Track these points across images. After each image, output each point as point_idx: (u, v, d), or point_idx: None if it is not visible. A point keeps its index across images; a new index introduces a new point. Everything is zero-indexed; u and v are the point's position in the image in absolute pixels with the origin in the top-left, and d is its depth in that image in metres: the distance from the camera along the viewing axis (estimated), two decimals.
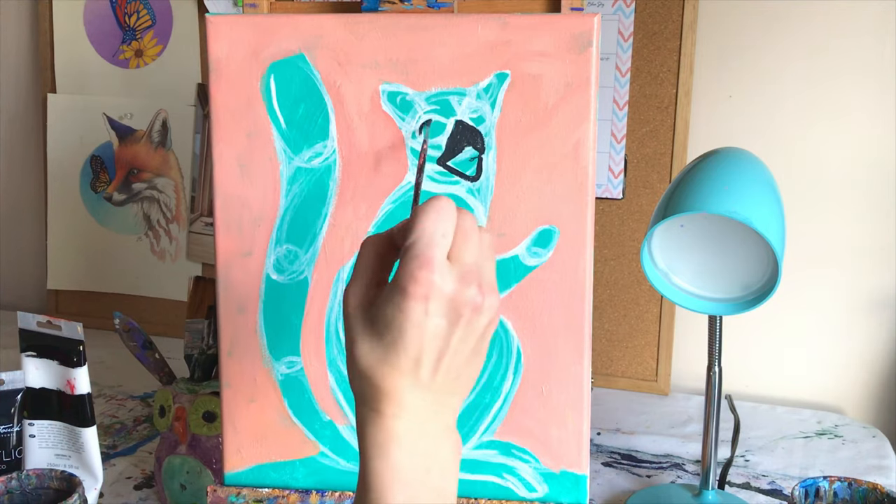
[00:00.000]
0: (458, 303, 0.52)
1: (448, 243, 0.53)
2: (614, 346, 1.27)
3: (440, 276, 0.51)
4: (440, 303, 0.52)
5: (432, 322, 0.52)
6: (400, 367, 0.53)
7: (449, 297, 0.52)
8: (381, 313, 0.53)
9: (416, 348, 0.52)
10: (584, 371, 0.74)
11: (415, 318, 0.52)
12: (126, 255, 1.48)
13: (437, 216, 0.53)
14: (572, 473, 0.75)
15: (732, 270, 0.90)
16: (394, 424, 0.54)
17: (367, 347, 0.53)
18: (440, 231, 0.52)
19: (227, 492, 0.78)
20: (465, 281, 0.52)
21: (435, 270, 0.51)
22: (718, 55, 1.20)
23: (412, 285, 0.51)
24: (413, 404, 0.54)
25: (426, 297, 0.51)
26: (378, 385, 0.53)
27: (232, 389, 0.78)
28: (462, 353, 0.54)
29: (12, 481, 0.82)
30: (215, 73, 0.74)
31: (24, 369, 0.91)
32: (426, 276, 0.51)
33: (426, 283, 0.51)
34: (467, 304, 0.52)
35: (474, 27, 0.71)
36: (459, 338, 0.53)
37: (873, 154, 1.17)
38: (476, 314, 0.53)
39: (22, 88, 1.56)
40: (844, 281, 1.21)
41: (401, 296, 0.51)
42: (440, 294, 0.52)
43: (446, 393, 0.55)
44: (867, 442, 1.12)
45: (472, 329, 0.54)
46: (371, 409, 0.54)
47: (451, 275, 0.52)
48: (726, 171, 0.86)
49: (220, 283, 0.77)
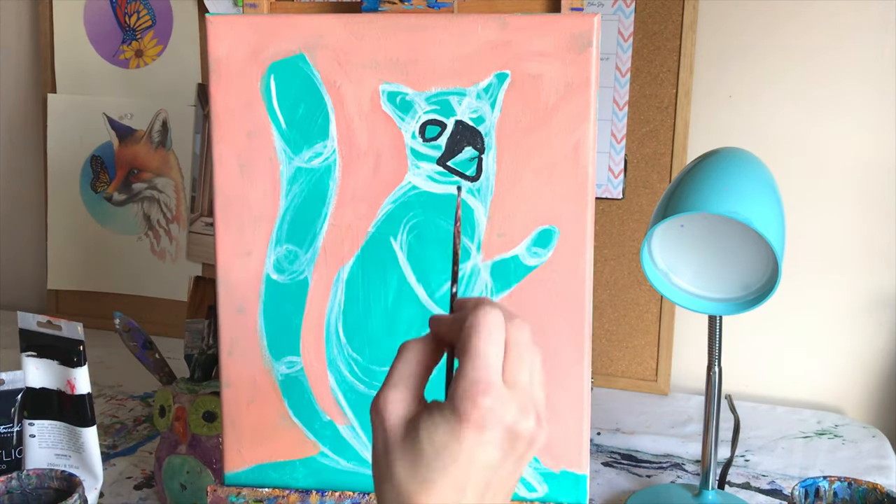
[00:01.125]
0: (515, 434, 0.49)
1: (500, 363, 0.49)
2: (614, 346, 1.27)
3: (501, 403, 0.48)
4: (497, 433, 0.48)
5: (486, 452, 0.49)
6: (443, 496, 0.49)
7: (507, 427, 0.49)
8: (430, 437, 0.49)
9: (463, 477, 0.49)
10: (584, 371, 0.74)
11: (469, 446, 0.48)
12: (126, 255, 1.48)
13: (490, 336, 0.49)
14: (572, 473, 0.75)
15: (732, 270, 0.90)
16: None
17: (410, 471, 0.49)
18: (493, 353, 0.49)
19: (227, 492, 0.78)
20: (523, 410, 0.49)
21: (495, 398, 0.48)
22: (718, 55, 1.20)
23: (471, 411, 0.48)
24: None
25: (484, 426, 0.48)
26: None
27: (232, 389, 0.78)
28: (508, 483, 0.51)
29: (12, 481, 0.82)
30: (215, 73, 0.74)
31: (25, 369, 0.91)
32: (486, 402, 0.48)
33: (485, 410, 0.48)
34: (524, 438, 0.49)
35: (474, 27, 0.71)
36: (509, 471, 0.50)
37: (873, 154, 1.17)
38: (530, 448, 0.50)
39: (22, 88, 1.56)
40: (844, 281, 1.21)
41: (457, 421, 0.48)
42: (499, 423, 0.48)
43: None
44: (867, 442, 1.12)
45: (522, 462, 0.50)
46: None
47: (511, 402, 0.49)
48: (726, 171, 0.86)
49: (220, 283, 0.77)
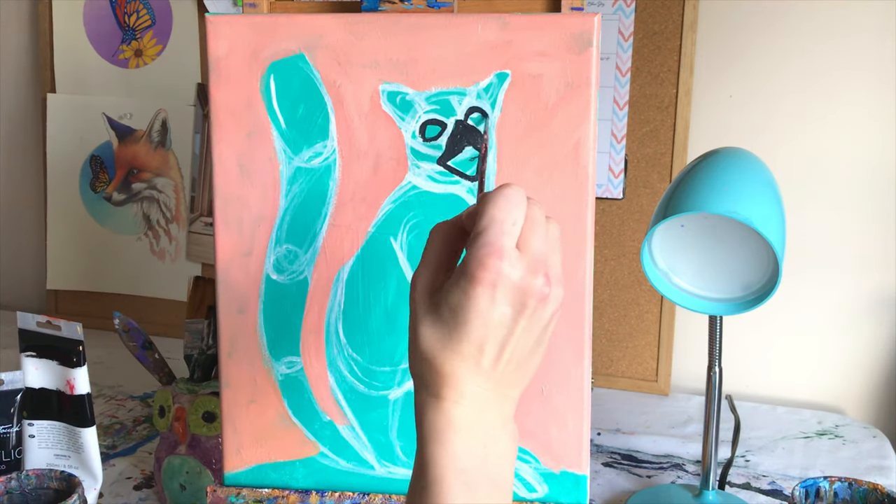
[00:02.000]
0: (525, 292, 0.52)
1: (517, 231, 0.53)
2: (614, 346, 1.26)
3: (509, 264, 0.51)
4: (507, 291, 0.52)
5: (498, 310, 0.52)
6: (462, 353, 0.53)
7: (516, 285, 0.52)
8: (447, 299, 0.52)
9: (480, 335, 0.52)
10: (584, 371, 0.74)
11: (481, 304, 0.51)
12: (126, 255, 1.48)
13: (507, 204, 0.53)
14: (572, 474, 0.75)
15: (732, 270, 0.90)
16: (453, 410, 0.53)
17: (431, 331, 0.53)
18: (510, 219, 0.52)
19: (226, 492, 0.78)
20: (533, 270, 0.52)
21: (504, 258, 0.51)
22: (718, 55, 1.20)
23: (480, 272, 0.51)
24: (473, 391, 0.54)
25: (494, 285, 0.51)
26: (439, 369, 0.53)
27: (232, 390, 0.78)
28: (525, 343, 0.54)
29: (12, 481, 0.82)
30: (215, 73, 0.74)
31: (24, 369, 0.90)
32: (495, 263, 0.51)
33: (494, 270, 0.51)
34: (534, 294, 0.52)
35: (474, 27, 0.71)
36: (524, 327, 0.53)
37: (873, 154, 1.17)
38: (542, 304, 0.53)
39: (22, 88, 1.56)
40: (845, 281, 1.21)
41: (468, 282, 0.51)
42: (508, 282, 0.51)
43: (507, 382, 0.55)
44: (867, 442, 1.12)
45: (536, 319, 0.53)
46: (431, 393, 0.54)
47: (519, 263, 0.52)
48: (726, 171, 0.86)
49: (219, 283, 0.76)
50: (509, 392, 0.55)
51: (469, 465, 0.53)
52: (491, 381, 0.54)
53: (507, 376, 0.54)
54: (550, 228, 0.55)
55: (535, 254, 0.53)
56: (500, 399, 0.55)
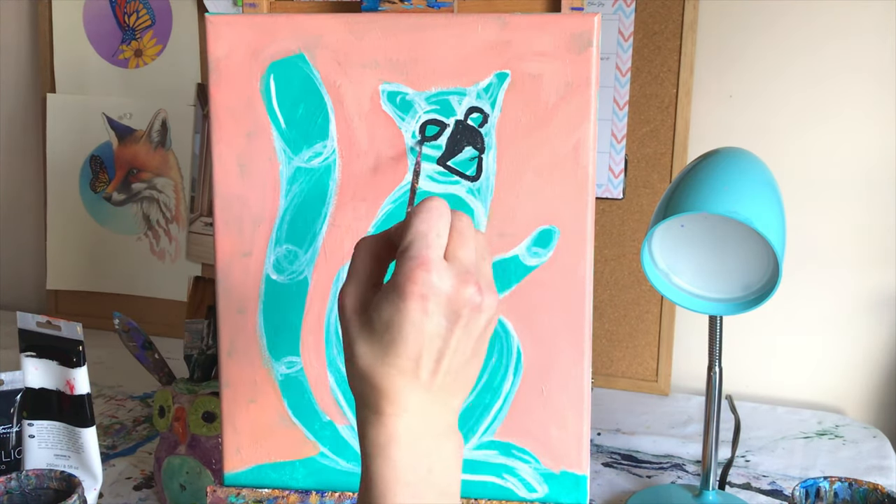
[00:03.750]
0: (456, 302, 0.52)
1: (443, 243, 0.53)
2: (614, 346, 1.26)
3: (438, 276, 0.51)
4: (439, 302, 0.52)
5: (431, 322, 0.52)
6: (400, 367, 0.53)
7: (447, 296, 0.52)
8: (379, 314, 0.52)
9: (415, 348, 0.52)
10: (584, 371, 0.74)
11: (414, 317, 0.51)
12: (126, 255, 1.48)
13: (430, 216, 0.53)
14: (572, 474, 0.75)
15: (732, 270, 0.90)
16: (394, 424, 0.54)
17: (366, 348, 0.53)
18: (434, 231, 0.53)
19: (226, 492, 0.78)
20: (463, 280, 0.52)
21: (432, 270, 0.51)
22: (718, 55, 1.20)
23: (410, 285, 0.51)
24: (413, 404, 0.54)
25: (424, 297, 0.51)
26: (377, 385, 0.53)
27: (231, 389, 0.78)
28: (462, 353, 0.54)
29: (12, 482, 0.82)
30: (215, 73, 0.74)
31: (24, 369, 0.90)
32: (424, 275, 0.51)
33: (424, 282, 0.51)
34: (466, 304, 0.52)
35: (474, 27, 0.71)
36: (458, 337, 0.53)
37: (874, 154, 1.17)
38: (475, 313, 0.53)
39: (21, 88, 1.56)
40: (845, 281, 1.21)
41: (399, 296, 0.51)
42: (438, 293, 0.52)
43: (446, 393, 0.55)
44: (868, 442, 1.12)
45: (471, 329, 0.53)
46: (371, 409, 0.54)
47: (448, 274, 0.52)
48: (726, 171, 0.86)
49: (219, 283, 0.76)
50: (450, 402, 0.56)
51: (414, 478, 0.53)
52: (430, 393, 0.54)
53: (447, 387, 0.54)
54: (479, 238, 0.55)
55: (463, 263, 0.53)
56: (441, 409, 0.55)
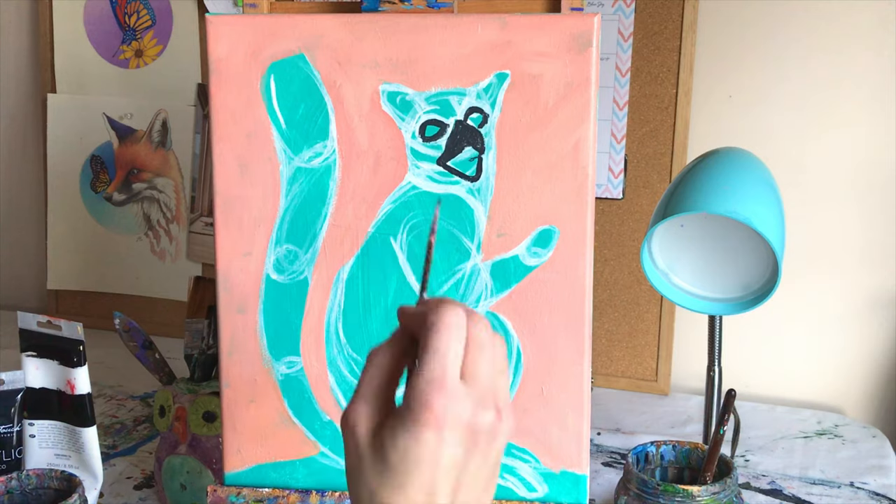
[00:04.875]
0: (475, 430, 0.49)
1: (460, 361, 0.49)
2: (614, 346, 1.27)
3: (455, 402, 0.48)
4: (456, 430, 0.48)
5: (448, 451, 0.48)
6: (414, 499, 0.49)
7: (466, 423, 0.49)
8: (394, 442, 0.49)
9: (430, 479, 0.49)
10: (584, 371, 0.74)
11: (430, 447, 0.48)
12: (126, 255, 1.48)
13: (449, 332, 0.49)
14: (572, 473, 0.75)
15: (732, 270, 0.90)
16: None
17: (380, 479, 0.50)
18: (453, 350, 0.49)
19: (227, 492, 0.78)
20: (482, 404, 0.49)
21: (449, 396, 0.48)
22: (718, 55, 1.20)
23: (427, 412, 0.48)
24: None
25: (441, 426, 0.48)
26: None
27: (232, 389, 0.78)
28: (479, 479, 0.51)
29: (12, 481, 0.82)
30: (215, 73, 0.74)
31: (24, 369, 0.90)
32: (441, 402, 0.48)
33: (441, 409, 0.48)
34: (484, 431, 0.49)
35: (474, 27, 0.71)
36: (476, 465, 0.50)
37: (873, 154, 1.17)
38: (493, 440, 0.50)
39: (22, 88, 1.56)
40: (844, 281, 1.21)
41: (414, 423, 0.48)
42: (457, 421, 0.48)
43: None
44: (867, 442, 1.12)
45: (488, 456, 0.50)
46: None
47: (467, 399, 0.49)
48: (726, 171, 0.86)
49: (220, 283, 0.77)
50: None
51: None
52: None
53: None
54: (496, 348, 0.52)
55: (482, 383, 0.50)
56: None
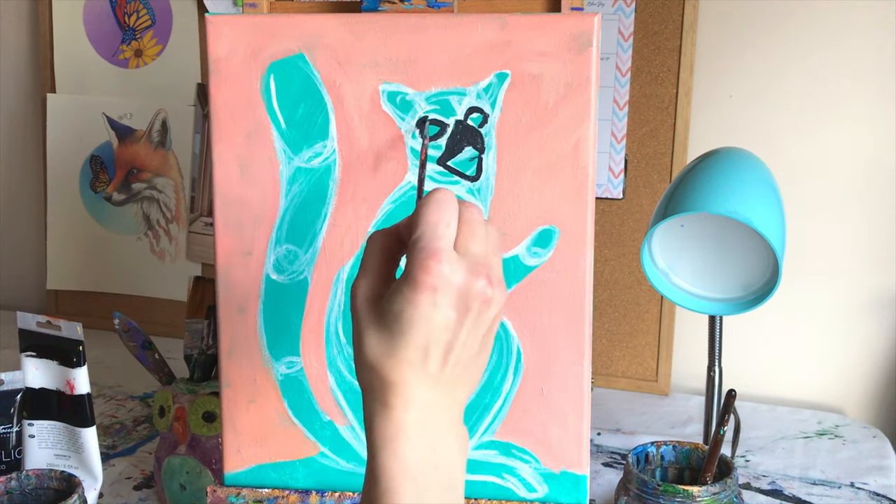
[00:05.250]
0: (467, 294, 0.52)
1: (452, 233, 0.53)
2: (614, 346, 1.26)
3: (449, 267, 0.51)
4: (449, 294, 0.52)
5: (441, 313, 0.52)
6: (408, 359, 0.53)
7: (458, 288, 0.52)
8: (390, 306, 0.52)
9: (424, 339, 0.52)
10: (584, 371, 0.74)
11: (424, 308, 0.51)
12: (126, 255, 1.48)
13: (439, 207, 0.53)
14: (572, 474, 0.75)
15: (732, 270, 0.90)
16: (402, 417, 0.53)
17: (376, 339, 0.53)
18: (443, 221, 0.52)
19: (226, 492, 0.78)
20: (474, 273, 0.52)
21: (444, 261, 0.51)
22: (718, 55, 1.20)
23: (422, 275, 0.51)
24: (421, 397, 0.53)
25: (435, 288, 0.51)
26: (386, 377, 0.53)
27: (232, 389, 0.78)
28: (470, 345, 0.54)
29: (12, 481, 0.82)
30: (215, 73, 0.74)
31: (24, 369, 0.90)
32: (435, 266, 0.51)
33: (435, 273, 0.51)
34: (477, 297, 0.52)
35: (474, 27, 0.71)
36: (468, 330, 0.53)
37: (873, 154, 1.17)
38: (485, 307, 0.53)
39: (21, 88, 1.56)
40: (845, 281, 1.21)
41: (410, 287, 0.51)
42: (450, 285, 0.51)
43: (454, 386, 0.55)
44: (867, 442, 1.12)
45: (480, 322, 0.53)
46: (379, 401, 0.54)
47: (460, 266, 0.52)
48: (726, 171, 0.86)
49: (219, 283, 0.77)
50: (456, 395, 0.56)
51: (420, 471, 0.53)
52: (438, 385, 0.54)
53: (454, 380, 0.54)
54: (489, 231, 0.55)
55: (475, 255, 0.53)
56: (447, 403, 0.55)
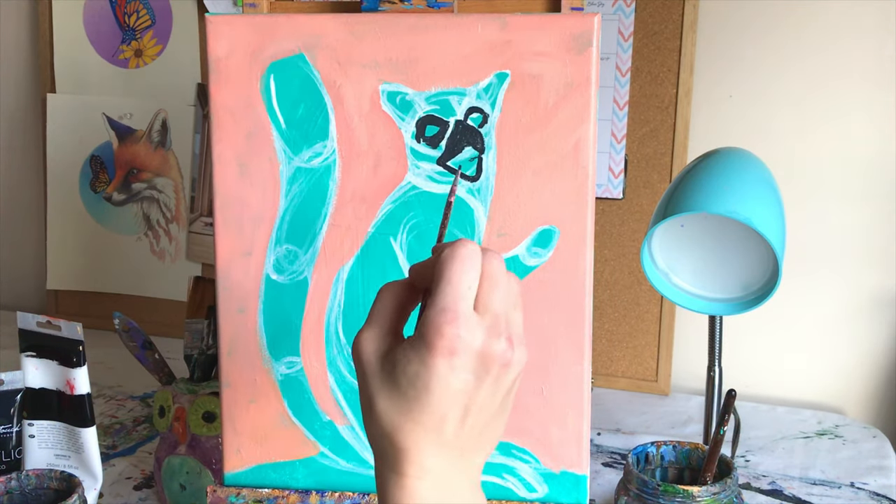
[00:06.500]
0: (486, 358, 0.50)
1: (473, 294, 0.51)
2: (614, 346, 1.26)
3: (467, 331, 0.49)
4: (468, 358, 0.50)
5: (459, 378, 0.50)
6: (423, 425, 0.51)
7: (477, 351, 0.50)
8: (404, 368, 0.50)
9: (441, 405, 0.50)
10: (584, 371, 0.74)
11: (441, 373, 0.49)
12: (126, 255, 1.48)
13: (462, 266, 0.50)
14: (572, 474, 0.75)
15: (732, 270, 0.90)
16: (416, 487, 0.51)
17: (388, 403, 0.51)
18: (466, 283, 0.50)
19: (226, 492, 0.78)
20: (493, 334, 0.50)
21: (462, 325, 0.49)
22: (718, 55, 1.20)
23: (438, 340, 0.49)
24: (437, 464, 0.52)
25: (453, 353, 0.49)
26: (399, 444, 0.51)
27: (232, 389, 0.78)
28: (489, 408, 0.52)
29: (12, 482, 0.82)
30: (215, 73, 0.74)
31: (24, 369, 0.90)
32: (453, 331, 0.49)
33: (452, 337, 0.49)
34: (496, 360, 0.50)
35: (474, 27, 0.71)
36: (487, 393, 0.51)
37: (873, 154, 1.17)
38: (505, 369, 0.51)
39: (21, 88, 1.56)
40: (844, 281, 1.21)
41: (427, 351, 0.49)
42: (468, 349, 0.50)
43: (471, 449, 0.53)
44: (867, 442, 1.12)
45: (499, 385, 0.51)
46: (392, 470, 0.52)
47: (479, 328, 0.50)
48: (726, 171, 0.86)
49: (220, 283, 0.77)
50: (474, 459, 0.54)
51: None
52: (455, 451, 0.52)
53: (471, 442, 0.52)
54: (510, 284, 0.52)
55: (495, 315, 0.51)
56: (464, 468, 0.53)
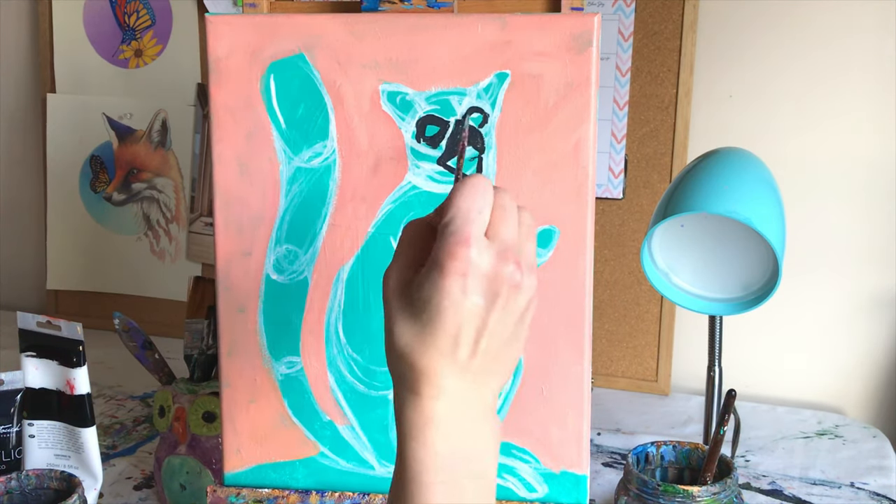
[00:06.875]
0: (495, 280, 0.51)
1: (485, 220, 0.52)
2: (614, 346, 1.26)
3: (477, 253, 0.51)
4: (478, 280, 0.51)
5: (470, 300, 0.51)
6: (438, 347, 0.52)
7: (486, 274, 0.51)
8: (419, 292, 0.52)
9: (453, 327, 0.51)
10: (584, 371, 0.74)
11: (452, 295, 0.50)
12: (126, 255, 1.48)
13: (473, 192, 0.52)
14: (572, 474, 0.75)
15: (732, 270, 0.90)
16: (432, 406, 0.53)
17: (405, 327, 0.52)
18: (476, 207, 0.51)
19: (226, 492, 0.78)
20: (503, 258, 0.51)
21: (472, 246, 0.50)
22: (718, 55, 1.20)
23: (449, 262, 0.50)
24: (451, 386, 0.53)
25: (463, 274, 0.50)
26: (415, 365, 0.52)
27: (232, 389, 0.78)
28: (500, 333, 0.53)
29: (12, 482, 0.82)
30: (215, 73, 0.74)
31: (24, 369, 0.90)
32: (463, 252, 0.50)
33: (463, 259, 0.50)
34: (505, 282, 0.51)
35: (474, 27, 0.71)
36: (497, 317, 0.52)
37: (873, 154, 1.17)
38: (514, 293, 0.52)
39: (21, 88, 1.56)
40: (845, 281, 1.21)
41: (438, 273, 0.51)
42: (478, 271, 0.51)
43: (485, 375, 0.54)
44: (868, 442, 1.12)
45: (510, 309, 0.52)
46: (409, 390, 0.53)
47: (488, 251, 0.51)
48: (726, 171, 0.86)
49: (220, 283, 0.77)
50: (488, 384, 0.54)
51: (450, 462, 0.53)
52: (469, 374, 0.53)
53: (485, 367, 0.53)
54: (523, 216, 0.54)
55: (504, 241, 0.52)
56: (479, 392, 0.54)
